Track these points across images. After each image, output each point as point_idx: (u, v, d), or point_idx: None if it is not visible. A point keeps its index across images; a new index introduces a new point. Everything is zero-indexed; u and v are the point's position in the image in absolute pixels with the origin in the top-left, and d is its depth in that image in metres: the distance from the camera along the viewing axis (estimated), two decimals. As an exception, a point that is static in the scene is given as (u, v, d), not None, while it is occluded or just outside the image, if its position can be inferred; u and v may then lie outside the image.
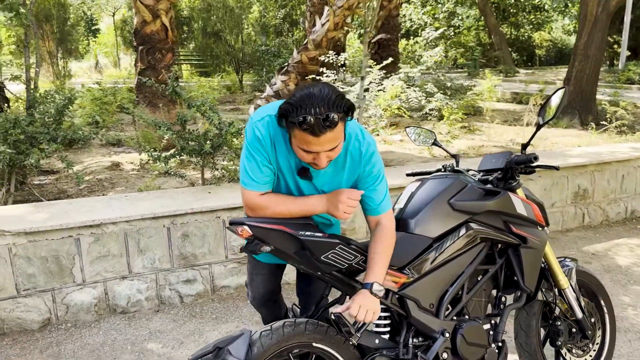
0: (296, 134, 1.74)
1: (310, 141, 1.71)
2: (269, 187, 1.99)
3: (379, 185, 2.02)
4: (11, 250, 3.17)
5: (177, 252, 3.60)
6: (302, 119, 1.66)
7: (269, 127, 1.92)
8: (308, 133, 1.69)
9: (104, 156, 6.88)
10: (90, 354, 3.05)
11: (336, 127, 1.71)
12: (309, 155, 1.79)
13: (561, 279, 2.60)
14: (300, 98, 1.70)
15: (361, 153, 1.97)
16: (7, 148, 4.17)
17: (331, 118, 1.67)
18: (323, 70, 7.81)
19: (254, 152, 1.93)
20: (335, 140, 1.75)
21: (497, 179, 2.53)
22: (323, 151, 1.76)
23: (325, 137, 1.70)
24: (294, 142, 1.80)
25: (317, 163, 1.81)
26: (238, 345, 1.93)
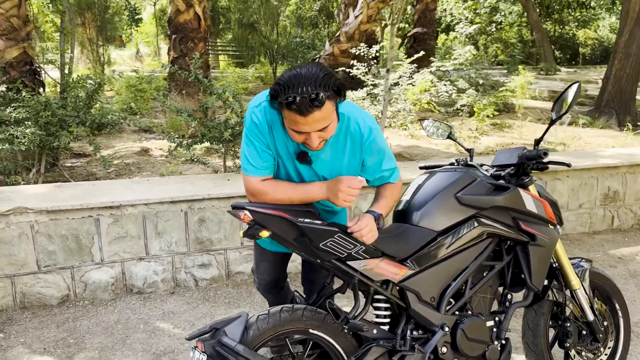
0: (285, 114, 1.75)
1: (299, 121, 1.72)
2: (269, 172, 2.01)
3: (385, 157, 2.07)
4: (33, 227, 3.28)
5: (194, 237, 3.66)
6: (289, 99, 1.67)
7: (265, 112, 1.93)
8: (296, 113, 1.69)
9: (135, 142, 7.04)
10: (104, 330, 3.14)
11: (324, 106, 1.70)
12: (300, 135, 1.80)
13: (572, 280, 2.54)
14: (288, 78, 1.71)
15: (362, 135, 1.97)
16: (37, 129, 4.32)
17: (318, 97, 1.66)
18: (353, 63, 7.76)
19: (253, 138, 1.95)
20: (324, 119, 1.75)
21: (509, 175, 2.48)
22: (313, 131, 1.76)
23: (314, 116, 1.70)
24: (285, 123, 1.81)
25: (309, 143, 1.81)
26: (234, 327, 1.95)
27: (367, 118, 2.02)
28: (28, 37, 5.49)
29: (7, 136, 4.29)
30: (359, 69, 7.66)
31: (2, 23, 5.24)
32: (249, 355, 1.88)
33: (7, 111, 4.45)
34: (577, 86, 2.20)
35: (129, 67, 17.18)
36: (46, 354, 2.89)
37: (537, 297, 2.54)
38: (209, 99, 4.31)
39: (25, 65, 5.45)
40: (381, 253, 2.07)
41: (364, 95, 7.48)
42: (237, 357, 1.87)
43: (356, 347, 2.13)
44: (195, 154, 4.65)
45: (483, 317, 2.31)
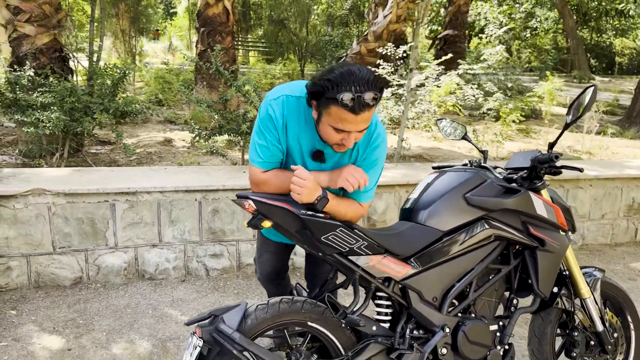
0: (332, 111, 1.72)
1: (347, 119, 1.70)
2: (275, 166, 2.01)
3: (373, 172, 2.01)
4: (50, 209, 3.36)
5: (207, 226, 3.69)
6: (344, 97, 1.65)
7: (283, 106, 1.93)
8: (348, 111, 1.68)
9: (159, 132, 7.14)
10: (113, 313, 3.20)
11: (373, 107, 1.71)
12: (339, 135, 1.78)
13: (582, 288, 2.48)
14: (341, 75, 1.68)
15: (370, 140, 1.96)
16: (62, 114, 4.41)
17: (372, 97, 1.67)
18: (380, 62, 7.72)
19: (265, 130, 1.95)
20: (369, 120, 1.76)
21: (521, 178, 2.44)
22: (356, 131, 1.76)
23: (363, 116, 1.70)
24: (325, 120, 1.77)
25: (344, 144, 1.80)
26: (232, 315, 1.97)
27: (380, 126, 2.02)
28: (59, 25, 5.60)
29: (33, 120, 4.40)
30: (385, 68, 7.61)
31: (34, 10, 5.36)
32: (245, 343, 1.89)
33: (34, 95, 4.55)
34: (593, 89, 2.14)
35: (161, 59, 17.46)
36: (55, 332, 2.96)
37: (544, 304, 2.50)
38: (229, 91, 4.34)
39: (55, 52, 5.56)
40: (384, 250, 2.06)
41: (389, 95, 7.43)
42: (233, 344, 1.88)
43: (354, 342, 2.12)
44: (216, 146, 4.69)
45: (486, 321, 2.28)
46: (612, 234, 5.07)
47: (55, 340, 2.88)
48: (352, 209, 2.03)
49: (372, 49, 9.37)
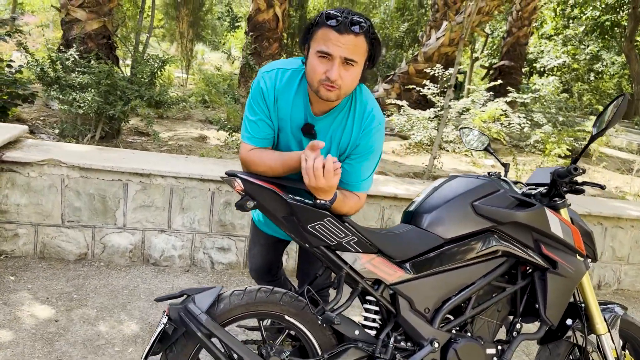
0: (318, 35, 1.68)
1: (332, 38, 1.64)
2: (265, 144, 1.90)
3: (368, 162, 1.89)
4: (64, 181, 3.36)
5: (217, 218, 3.62)
6: (331, 15, 1.65)
7: (275, 79, 1.84)
8: (332, 29, 1.64)
9: (196, 129, 7.20)
10: (109, 293, 3.14)
11: (359, 36, 1.65)
12: (323, 65, 1.68)
13: (598, 323, 2.25)
14: (334, 8, 1.71)
15: (363, 120, 1.85)
16: (96, 96, 4.48)
17: (360, 22, 1.65)
18: (425, 82, 7.57)
19: (255, 105, 1.86)
20: (354, 51, 1.67)
21: (540, 194, 2.24)
22: (339, 55, 1.66)
23: (348, 38, 1.64)
24: (312, 46, 1.71)
25: (328, 76, 1.68)
26: (204, 297, 1.86)
27: (378, 110, 1.91)
28: (110, 13, 5.75)
29: (70, 99, 4.48)
30: (430, 88, 7.46)
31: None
32: (211, 326, 1.78)
33: (73, 75, 4.65)
34: (622, 99, 1.94)
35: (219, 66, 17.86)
36: (47, 303, 2.92)
37: (553, 334, 2.28)
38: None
39: (103, 39, 5.71)
40: (377, 250, 1.92)
41: (432, 115, 7.26)
42: (199, 326, 1.77)
43: (334, 345, 1.97)
44: (241, 142, 4.64)
45: (483, 342, 2.08)
46: (653, 281, 4.69)
47: (44, 310, 2.85)
48: (353, 201, 1.90)
49: (421, 69, 9.23)
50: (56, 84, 4.72)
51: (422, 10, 15.34)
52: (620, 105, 1.93)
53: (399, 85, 9.30)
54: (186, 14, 13.12)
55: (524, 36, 13.00)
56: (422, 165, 6.03)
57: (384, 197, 3.82)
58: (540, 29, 25.40)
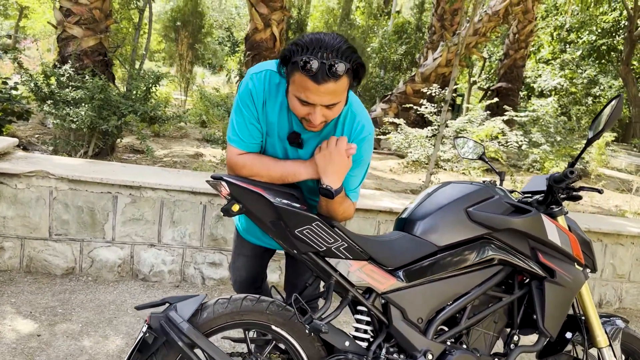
0: (296, 78, 1.56)
1: (310, 88, 1.54)
2: (253, 148, 1.83)
3: (358, 171, 1.83)
4: (52, 193, 3.29)
5: (209, 232, 3.54)
6: (307, 61, 1.50)
7: (264, 81, 1.77)
8: (309, 78, 1.52)
9: (193, 147, 7.16)
10: (95, 307, 3.05)
11: (340, 79, 1.53)
12: (304, 108, 1.61)
13: (599, 335, 2.16)
14: (309, 40, 1.54)
15: (353, 130, 1.78)
16: (89, 110, 4.44)
17: (337, 66, 1.50)
18: (422, 102, 7.56)
19: (243, 107, 1.78)
20: (335, 95, 1.57)
21: (537, 202, 2.18)
22: (320, 104, 1.58)
23: (327, 87, 1.53)
24: (291, 89, 1.62)
25: (311, 120, 1.62)
26: (187, 305, 1.79)
27: (367, 120, 1.83)
28: (106, 30, 5.76)
29: (63, 114, 4.44)
30: (427, 107, 7.45)
31: (84, 13, 5.53)
32: (193, 335, 1.70)
33: (66, 91, 4.62)
34: (617, 100, 1.89)
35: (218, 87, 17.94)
36: (30, 317, 2.83)
37: (553, 348, 2.19)
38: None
39: (99, 56, 5.70)
40: (368, 256, 1.85)
41: (429, 134, 7.23)
42: (180, 335, 1.69)
43: (323, 357, 1.88)
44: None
45: (479, 355, 1.99)
46: (655, 300, 4.59)
47: (27, 325, 2.75)
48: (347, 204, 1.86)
49: (418, 89, 9.25)
50: (50, 99, 4.69)
51: (419, 34, 15.48)
52: (616, 107, 1.88)
53: (396, 105, 9.30)
54: (185, 35, 13.22)
55: (521, 58, 13.09)
56: (419, 182, 5.98)
57: (380, 211, 3.75)
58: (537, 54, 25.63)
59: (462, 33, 7.30)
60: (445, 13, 11.21)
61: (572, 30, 23.39)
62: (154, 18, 10.45)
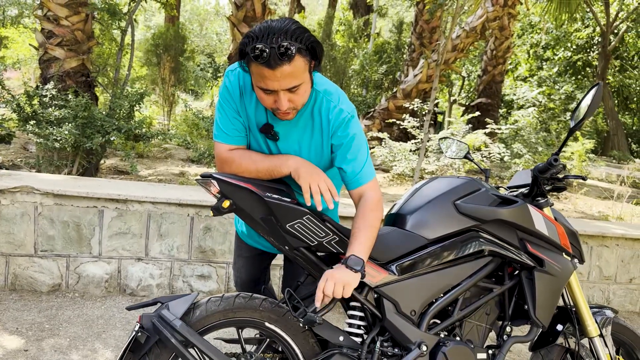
0: (253, 69, 1.58)
1: (266, 75, 1.55)
2: (240, 141, 1.85)
3: (354, 149, 1.79)
4: (37, 209, 3.26)
5: (197, 244, 3.52)
6: (256, 48, 1.51)
7: (239, 77, 1.79)
8: (264, 65, 1.53)
9: (177, 167, 7.14)
10: (83, 322, 3.00)
11: (294, 60, 1.54)
12: (269, 97, 1.63)
13: (590, 325, 2.19)
14: (259, 29, 1.56)
15: (330, 116, 1.77)
16: (73, 128, 4.42)
17: (286, 47, 1.50)
18: (405, 117, 7.66)
19: (225, 103, 1.81)
20: (294, 77, 1.57)
21: (523, 195, 2.22)
22: (282, 89, 1.59)
23: (282, 70, 1.54)
24: (253, 81, 1.63)
25: (278, 107, 1.64)
26: (179, 304, 1.77)
27: (344, 102, 1.81)
28: (89, 51, 5.76)
29: (46, 133, 4.42)
30: (409, 121, 7.54)
31: (66, 34, 5.54)
32: (187, 332, 1.68)
33: (49, 110, 4.60)
34: (597, 88, 1.94)
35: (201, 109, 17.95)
36: (16, 333, 2.77)
37: (545, 339, 2.20)
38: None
39: (82, 77, 5.69)
40: (359, 250, 1.85)
41: (413, 147, 7.30)
42: (173, 332, 1.67)
43: (318, 353, 1.87)
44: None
45: (473, 346, 2.00)
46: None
47: (13, 341, 2.69)
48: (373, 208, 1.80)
49: (400, 105, 9.37)
50: (33, 119, 4.67)
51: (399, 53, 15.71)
52: (595, 95, 1.93)
53: (379, 120, 9.40)
54: (167, 59, 13.25)
55: (499, 74, 13.34)
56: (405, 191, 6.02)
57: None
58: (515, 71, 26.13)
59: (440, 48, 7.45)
60: (424, 31, 11.42)
61: (547, 47, 23.92)
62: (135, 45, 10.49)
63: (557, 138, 14.99)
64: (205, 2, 40.50)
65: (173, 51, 13.24)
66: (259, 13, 7.29)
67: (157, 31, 13.76)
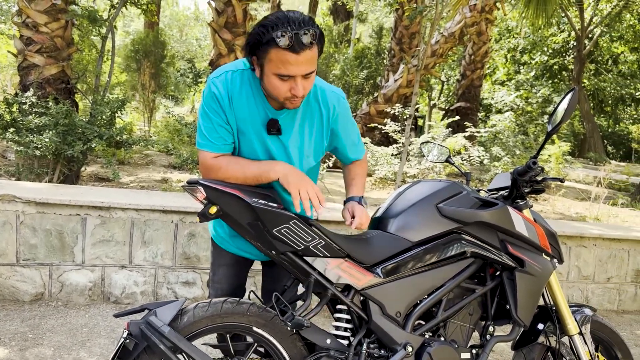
0: (272, 56, 1.62)
1: (290, 60, 1.61)
2: (226, 149, 1.87)
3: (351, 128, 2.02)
4: (19, 217, 3.23)
5: (181, 251, 3.52)
6: (282, 34, 1.57)
7: (227, 83, 1.80)
8: (288, 50, 1.59)
9: (159, 173, 7.11)
10: (67, 331, 2.98)
11: (313, 46, 1.63)
12: (285, 84, 1.67)
13: (569, 323, 2.24)
14: (276, 18, 1.62)
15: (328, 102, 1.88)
16: (53, 136, 4.38)
17: (309, 34, 1.59)
18: (386, 121, 7.73)
19: (210, 112, 1.81)
20: (312, 63, 1.65)
21: (502, 197, 2.27)
22: (300, 74, 1.65)
23: (305, 55, 1.61)
24: (268, 70, 1.67)
25: (294, 94, 1.69)
26: (167, 310, 1.78)
27: (332, 87, 1.94)
28: (69, 58, 5.72)
29: (26, 140, 4.37)
30: (391, 126, 7.61)
31: (45, 41, 5.49)
32: (175, 338, 1.69)
33: (29, 118, 4.56)
34: (573, 93, 2.00)
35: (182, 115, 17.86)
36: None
37: (527, 338, 2.25)
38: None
39: (62, 84, 5.65)
40: (345, 254, 1.88)
41: (394, 152, 7.38)
42: (162, 339, 1.68)
43: (305, 356, 1.89)
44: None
45: (457, 346, 2.04)
46: (619, 300, 4.74)
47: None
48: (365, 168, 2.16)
49: (382, 110, 9.45)
50: (12, 127, 4.61)
51: (379, 59, 15.85)
52: (572, 99, 1.99)
53: (361, 125, 9.47)
54: (147, 65, 13.17)
55: (478, 78, 13.53)
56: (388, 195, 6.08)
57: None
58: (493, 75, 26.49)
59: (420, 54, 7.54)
60: (404, 37, 11.54)
61: (524, 51, 24.30)
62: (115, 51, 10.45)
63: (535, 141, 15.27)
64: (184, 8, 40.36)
65: (153, 57, 13.17)
66: (240, 19, 7.30)
67: (136, 37, 13.67)
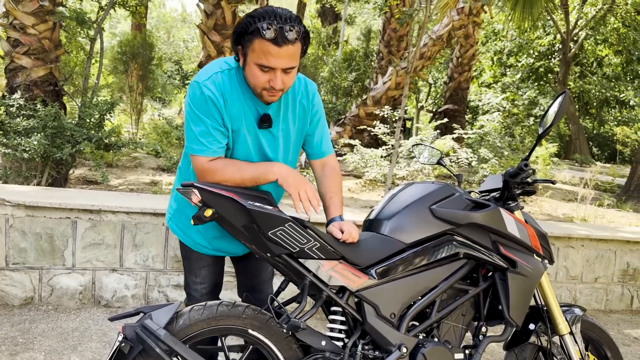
0: (255, 46, 1.67)
1: (271, 52, 1.65)
2: (221, 152, 1.87)
3: (326, 125, 2.07)
4: (8, 221, 3.20)
5: (172, 254, 3.50)
6: (268, 26, 1.63)
7: (217, 83, 1.79)
8: (271, 42, 1.64)
9: (148, 176, 7.07)
10: (58, 335, 2.95)
11: (296, 43, 1.68)
12: (265, 75, 1.71)
13: (560, 323, 2.27)
14: (264, 11, 1.68)
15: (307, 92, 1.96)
16: (42, 139, 4.34)
17: (294, 30, 1.65)
18: (376, 123, 7.76)
19: (204, 115, 1.79)
20: (293, 58, 1.70)
21: (494, 199, 2.30)
22: (280, 67, 1.69)
23: (287, 50, 1.66)
24: (250, 59, 1.71)
25: (273, 85, 1.72)
26: (162, 313, 1.78)
27: (309, 81, 2.01)
28: (57, 60, 5.67)
29: (14, 143, 4.33)
30: (380, 128, 7.64)
31: (33, 43, 5.44)
32: (171, 341, 1.69)
33: (17, 120, 4.52)
34: (563, 96, 2.03)
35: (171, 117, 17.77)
36: (-11, 348, 2.72)
37: (519, 338, 2.28)
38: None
39: (50, 86, 5.59)
40: (340, 256, 1.89)
41: (384, 154, 7.41)
42: (157, 342, 1.68)
43: (300, 358, 1.90)
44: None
45: (451, 347, 2.06)
46: (607, 299, 4.80)
47: (-14, 356, 2.64)
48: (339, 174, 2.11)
49: (371, 112, 9.49)
50: (0, 130, 4.57)
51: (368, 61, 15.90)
52: (562, 102, 2.02)
53: (350, 127, 9.51)
54: (135, 67, 13.10)
55: (465, 81, 13.63)
56: (378, 197, 6.10)
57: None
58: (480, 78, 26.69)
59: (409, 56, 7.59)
60: (392, 39, 11.59)
61: (511, 54, 24.50)
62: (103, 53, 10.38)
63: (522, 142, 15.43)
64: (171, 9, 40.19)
65: (140, 59, 13.09)
66: (229, 21, 7.29)
67: (123, 39, 13.59)
